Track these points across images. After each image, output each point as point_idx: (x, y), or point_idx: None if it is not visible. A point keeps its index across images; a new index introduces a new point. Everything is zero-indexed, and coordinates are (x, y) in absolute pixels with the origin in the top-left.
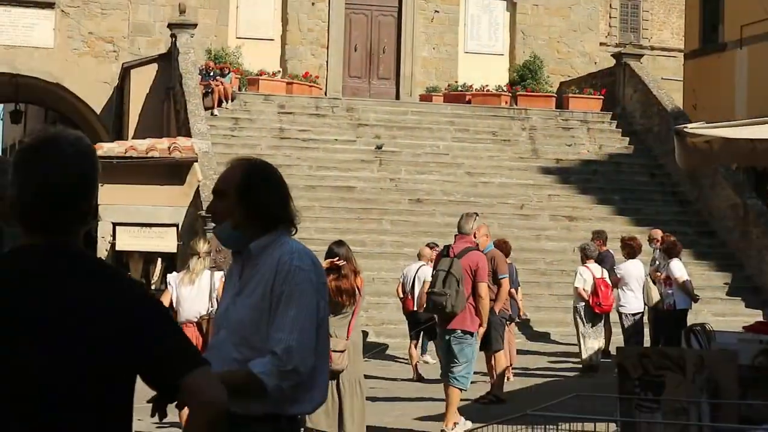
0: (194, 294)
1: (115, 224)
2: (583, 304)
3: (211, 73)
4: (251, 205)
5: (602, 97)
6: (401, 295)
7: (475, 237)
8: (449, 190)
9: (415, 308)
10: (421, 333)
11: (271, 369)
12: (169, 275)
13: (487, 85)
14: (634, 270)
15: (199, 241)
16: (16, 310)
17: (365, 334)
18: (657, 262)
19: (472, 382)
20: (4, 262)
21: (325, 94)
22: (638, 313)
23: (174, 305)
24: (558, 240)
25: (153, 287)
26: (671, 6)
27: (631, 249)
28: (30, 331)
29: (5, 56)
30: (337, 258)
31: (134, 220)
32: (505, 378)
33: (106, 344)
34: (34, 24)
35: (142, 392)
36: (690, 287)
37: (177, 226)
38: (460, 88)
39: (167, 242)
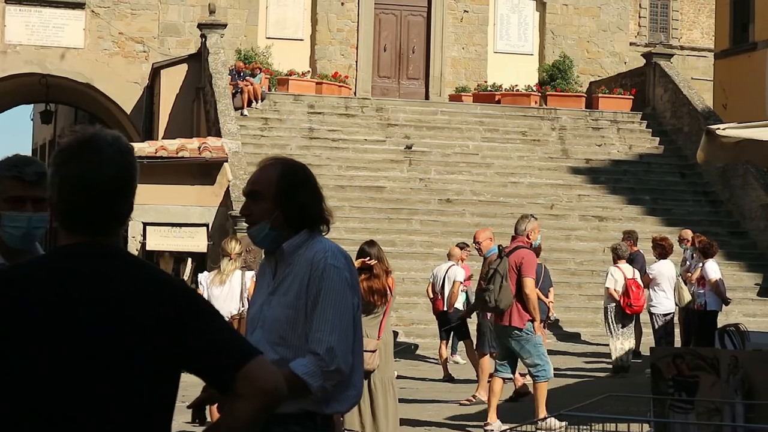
0: (225, 294)
1: (145, 224)
2: (614, 304)
3: (241, 74)
4: (290, 206)
5: (632, 97)
6: (431, 296)
7: (528, 237)
8: (479, 190)
9: (445, 308)
10: (451, 333)
11: (314, 370)
12: (200, 275)
13: (516, 85)
14: (665, 270)
15: (231, 242)
16: (59, 311)
17: (395, 334)
18: (688, 263)
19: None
20: (44, 262)
21: (355, 94)
22: (669, 314)
23: None
24: (588, 240)
25: None
26: (701, 5)
27: (662, 249)
28: (73, 332)
29: (36, 56)
30: (369, 258)
31: (164, 220)
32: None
33: (152, 343)
34: (65, 24)
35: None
36: (723, 289)
37: (207, 226)
38: (489, 88)
39: (197, 242)
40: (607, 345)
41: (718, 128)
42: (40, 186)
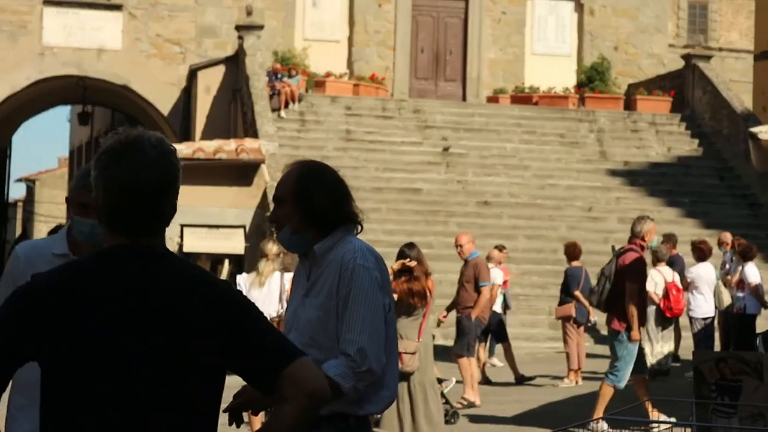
0: (264, 296)
1: (182, 226)
2: (654, 307)
3: (278, 75)
4: (306, 208)
5: (671, 99)
6: None
7: (644, 239)
8: (516, 193)
9: None
10: (489, 335)
11: (345, 371)
12: (238, 276)
13: (554, 87)
14: (705, 273)
15: (268, 243)
16: (106, 314)
17: (432, 336)
18: (727, 266)
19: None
20: (90, 264)
21: (392, 95)
22: (709, 318)
23: None
24: (626, 243)
25: None
26: (739, 7)
27: (701, 252)
28: (121, 334)
29: (73, 58)
30: (408, 259)
31: (202, 221)
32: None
33: (200, 344)
34: (102, 26)
35: None
36: (762, 292)
37: (244, 227)
38: (527, 90)
39: (234, 243)
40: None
41: (761, 131)
42: None
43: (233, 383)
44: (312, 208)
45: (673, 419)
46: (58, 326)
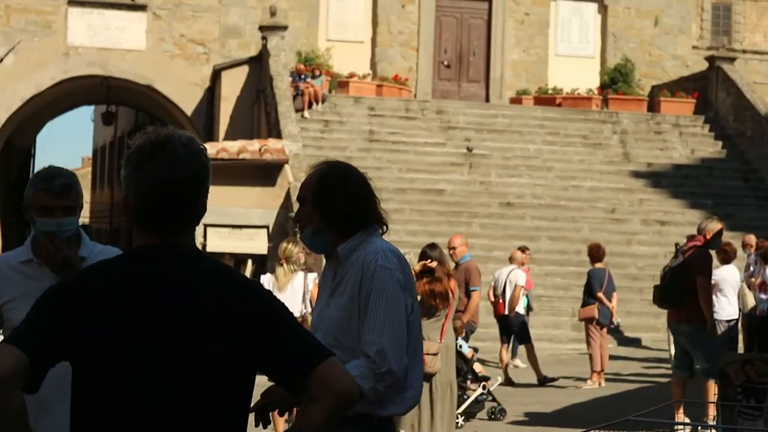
0: (288, 296)
1: (206, 225)
2: None
3: (302, 76)
4: (328, 209)
5: (694, 100)
6: (492, 299)
7: (706, 237)
8: (539, 194)
9: (506, 312)
10: (512, 337)
11: (365, 372)
12: (262, 276)
13: (577, 89)
14: (729, 276)
15: (284, 246)
16: (138, 313)
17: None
18: (752, 268)
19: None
20: (121, 263)
21: (415, 96)
22: (733, 320)
23: None
24: (649, 245)
25: None
26: (764, 9)
27: (726, 255)
28: (154, 333)
29: (98, 58)
30: (430, 260)
31: (225, 221)
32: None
33: (231, 342)
34: (127, 26)
35: None
36: None
37: (267, 227)
38: (550, 91)
39: (258, 244)
40: (668, 350)
41: None
42: (68, 196)
43: (260, 381)
44: (333, 209)
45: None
46: (89, 326)
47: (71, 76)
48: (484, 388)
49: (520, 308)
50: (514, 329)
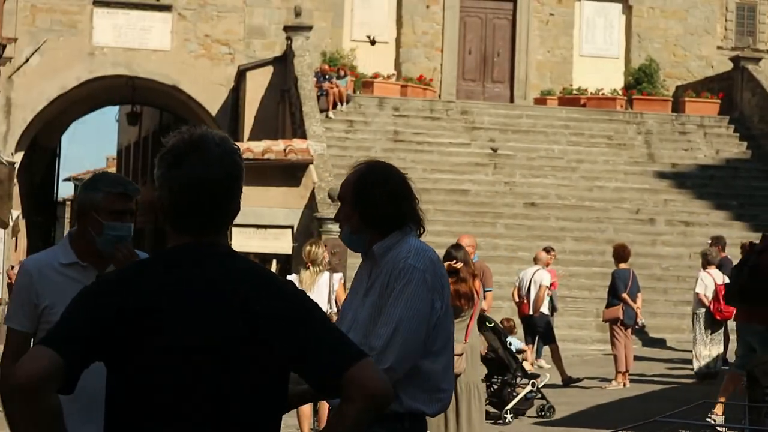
0: (313, 297)
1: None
2: (704, 310)
3: (326, 76)
4: (365, 208)
5: (719, 101)
6: (517, 299)
7: None
8: (564, 194)
9: (531, 312)
10: (537, 337)
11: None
12: (288, 277)
13: (602, 89)
14: None
15: (308, 249)
16: (175, 312)
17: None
18: None
19: None
20: (154, 264)
21: (440, 97)
22: None
23: None
24: (674, 245)
25: None
26: None
27: None
28: (191, 332)
29: (123, 58)
30: (454, 261)
31: (249, 221)
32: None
33: (267, 341)
34: (152, 27)
35: None
36: None
37: (292, 227)
38: (575, 92)
39: (282, 244)
40: (692, 351)
41: None
42: (134, 201)
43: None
44: (371, 208)
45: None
46: (124, 326)
47: (96, 76)
48: (533, 385)
49: (545, 308)
50: (538, 330)
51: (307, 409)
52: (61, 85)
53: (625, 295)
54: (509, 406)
